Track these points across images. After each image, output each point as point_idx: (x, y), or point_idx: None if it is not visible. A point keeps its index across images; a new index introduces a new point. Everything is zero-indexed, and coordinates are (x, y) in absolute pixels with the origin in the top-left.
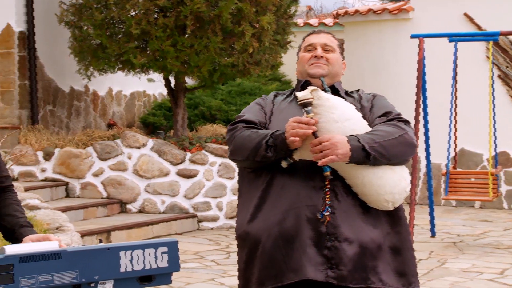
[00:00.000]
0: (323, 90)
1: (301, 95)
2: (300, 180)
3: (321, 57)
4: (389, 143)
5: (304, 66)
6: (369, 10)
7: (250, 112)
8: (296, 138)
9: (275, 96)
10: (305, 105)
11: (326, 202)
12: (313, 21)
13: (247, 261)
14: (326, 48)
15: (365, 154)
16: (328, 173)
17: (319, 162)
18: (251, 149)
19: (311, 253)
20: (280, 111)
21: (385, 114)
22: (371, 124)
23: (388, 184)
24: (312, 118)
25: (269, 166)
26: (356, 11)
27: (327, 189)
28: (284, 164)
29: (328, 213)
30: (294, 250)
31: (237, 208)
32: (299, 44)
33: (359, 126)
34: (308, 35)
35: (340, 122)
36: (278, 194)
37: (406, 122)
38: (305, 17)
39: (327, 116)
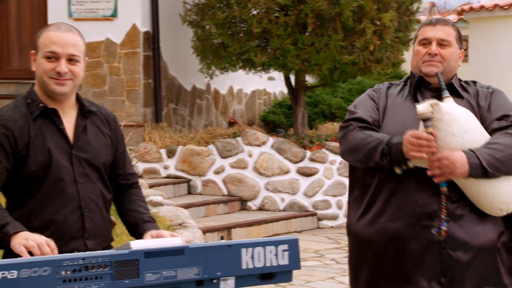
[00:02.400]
0: (440, 88)
1: (421, 110)
2: (414, 185)
3: (436, 54)
4: (508, 158)
5: (418, 62)
6: (496, 5)
7: (363, 107)
8: (416, 154)
9: (388, 87)
10: (425, 119)
11: (442, 216)
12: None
13: (357, 260)
14: (442, 43)
15: (483, 171)
16: (445, 188)
17: (436, 179)
18: (364, 153)
19: (423, 260)
20: (395, 108)
21: (503, 117)
22: (488, 125)
23: (504, 195)
24: (431, 133)
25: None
26: (482, 7)
27: (443, 203)
28: (397, 170)
29: (445, 228)
30: (406, 256)
31: (347, 204)
32: (415, 33)
33: (478, 138)
34: (424, 25)
35: (459, 135)
36: (389, 196)
37: None
38: (428, 13)
39: (446, 130)
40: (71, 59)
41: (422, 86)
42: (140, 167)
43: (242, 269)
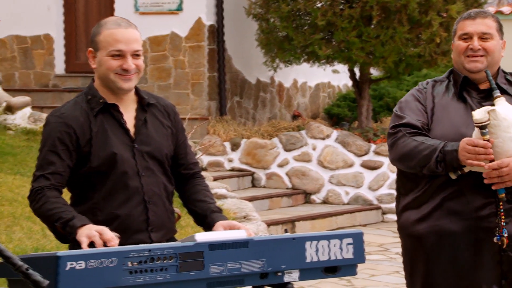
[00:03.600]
0: (490, 87)
1: (478, 117)
2: (469, 187)
3: (478, 49)
4: None
5: (460, 57)
6: None
7: (410, 110)
8: (474, 162)
9: (433, 86)
10: (482, 126)
11: (502, 223)
12: (505, 9)
13: (412, 259)
14: (483, 37)
15: None
16: (503, 195)
17: (494, 186)
18: (418, 160)
19: (481, 263)
20: (443, 109)
21: None
22: None
23: None
24: (488, 140)
25: None
26: None
27: (501, 210)
28: (452, 176)
29: (506, 235)
30: (465, 259)
31: (397, 202)
32: (454, 27)
33: None
34: (462, 19)
35: None
36: (443, 198)
37: None
38: (496, 5)
39: (503, 136)
40: (134, 54)
41: (467, 86)
42: (204, 160)
43: (307, 262)
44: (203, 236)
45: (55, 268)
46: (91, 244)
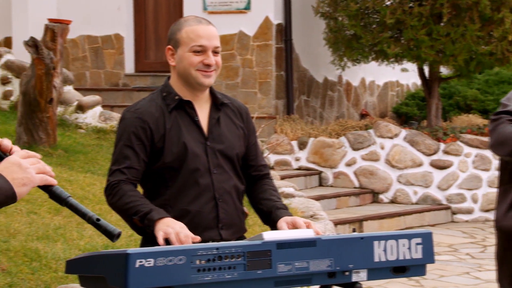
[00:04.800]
0: None
1: None
2: None
3: None
4: None
5: None
6: None
7: None
8: None
9: None
10: None
11: None
12: None
13: (501, 253)
14: None
15: None
16: None
17: None
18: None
19: None
20: None
21: None
22: None
23: None
24: None
25: None
26: None
27: None
28: None
29: None
30: None
31: (497, 198)
32: None
33: None
34: None
35: None
36: None
37: None
38: None
39: None
40: (214, 51)
41: None
42: (271, 158)
43: (375, 261)
44: (270, 235)
45: (124, 265)
46: (167, 240)
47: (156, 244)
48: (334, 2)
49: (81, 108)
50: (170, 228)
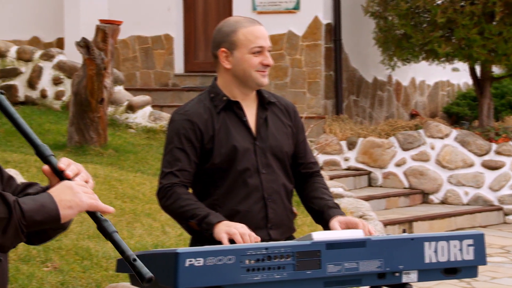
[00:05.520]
0: None
1: None
2: None
3: None
4: None
5: None
6: None
7: None
8: None
9: None
10: None
11: None
12: None
13: None
14: None
15: None
16: None
17: None
18: None
19: None
20: None
21: None
22: None
23: None
24: None
25: None
26: None
27: None
28: None
29: None
30: None
31: None
32: None
33: None
34: None
35: None
36: None
37: None
38: None
39: None
40: (268, 51)
41: None
42: (320, 158)
43: (425, 263)
44: (320, 235)
45: (174, 264)
46: (231, 241)
47: (206, 244)
48: (384, 1)
49: (131, 108)
50: (233, 229)
